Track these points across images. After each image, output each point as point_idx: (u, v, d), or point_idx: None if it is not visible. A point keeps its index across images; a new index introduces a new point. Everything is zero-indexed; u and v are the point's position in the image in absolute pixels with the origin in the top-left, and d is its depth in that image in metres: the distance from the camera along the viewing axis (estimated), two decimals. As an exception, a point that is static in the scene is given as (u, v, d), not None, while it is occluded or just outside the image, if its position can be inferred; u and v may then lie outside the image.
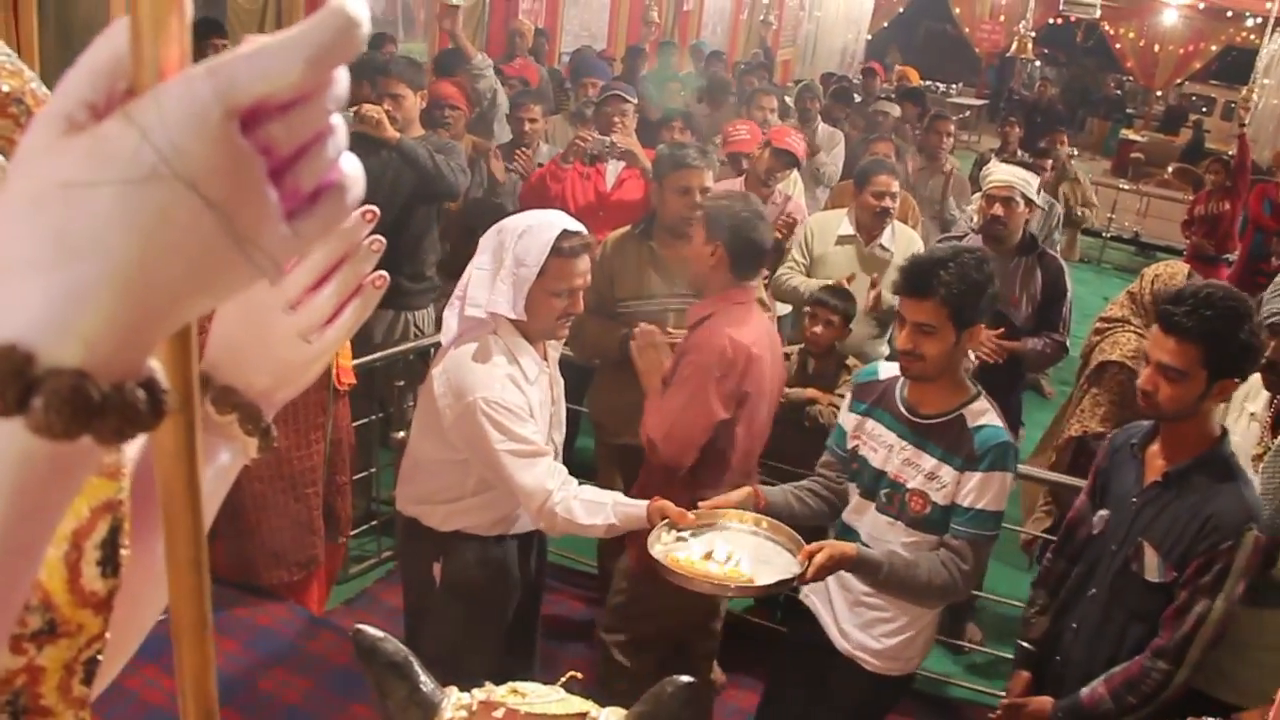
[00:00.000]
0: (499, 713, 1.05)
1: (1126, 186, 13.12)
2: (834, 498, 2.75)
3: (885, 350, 4.58)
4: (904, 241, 4.49)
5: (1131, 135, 16.69)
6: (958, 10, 18.35)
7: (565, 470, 2.60)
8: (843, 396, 3.98)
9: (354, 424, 3.60)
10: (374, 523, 4.31)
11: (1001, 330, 4.06)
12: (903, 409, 2.58)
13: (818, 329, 3.95)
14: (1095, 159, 16.39)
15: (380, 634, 1.03)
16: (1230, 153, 8.99)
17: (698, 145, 3.54)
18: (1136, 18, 17.17)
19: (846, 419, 2.74)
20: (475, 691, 1.06)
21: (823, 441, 2.97)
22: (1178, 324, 2.22)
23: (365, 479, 4.22)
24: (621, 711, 1.04)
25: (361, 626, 1.03)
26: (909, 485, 2.51)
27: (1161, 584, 2.33)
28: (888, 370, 2.69)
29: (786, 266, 4.50)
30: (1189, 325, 2.20)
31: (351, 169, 0.49)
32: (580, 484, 2.61)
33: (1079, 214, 7.33)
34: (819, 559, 2.33)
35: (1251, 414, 2.58)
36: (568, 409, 3.05)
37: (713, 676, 3.53)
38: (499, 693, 1.07)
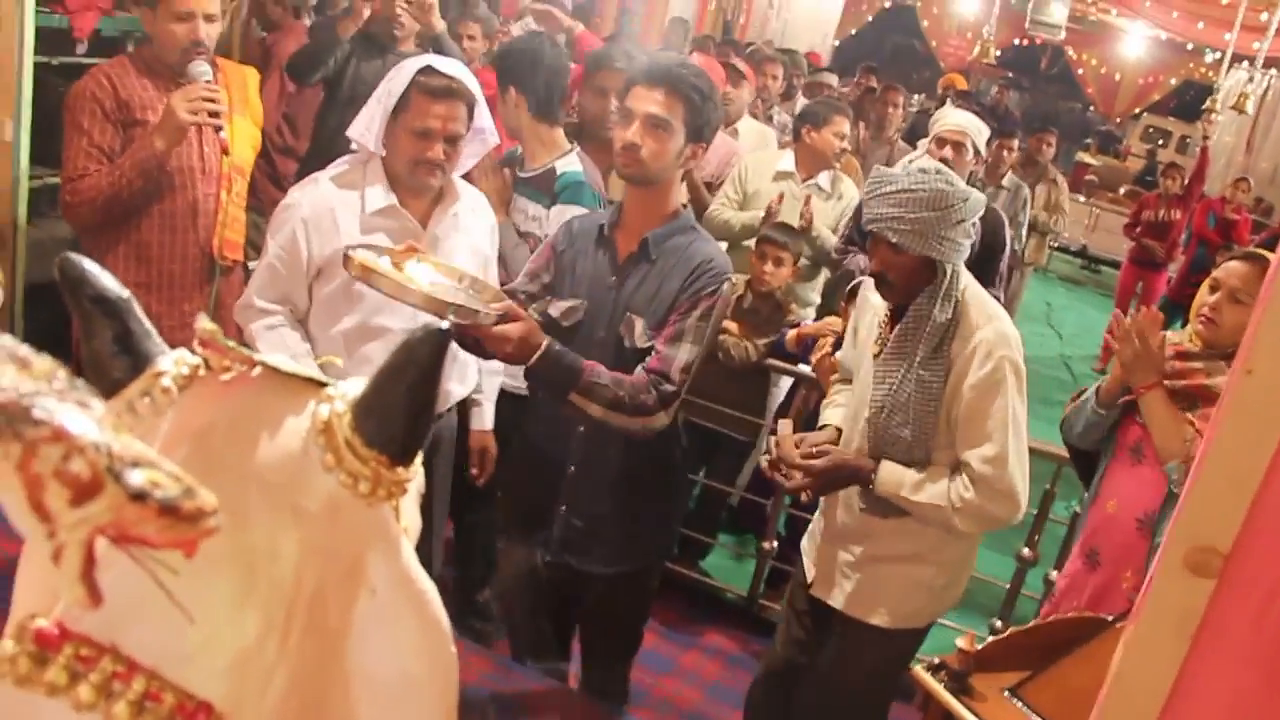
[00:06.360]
0: (228, 375, 0.91)
1: (1081, 200, 13.22)
2: None
3: (816, 299, 4.47)
4: (841, 188, 4.39)
5: (1087, 158, 16.88)
6: (925, 24, 18.41)
7: (291, 333, 2.48)
8: (767, 340, 3.87)
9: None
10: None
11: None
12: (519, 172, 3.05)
13: (767, 268, 3.83)
14: (1051, 180, 16.55)
15: (97, 268, 0.88)
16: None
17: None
18: (1100, 44, 17.30)
19: None
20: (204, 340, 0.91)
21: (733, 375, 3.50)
22: (662, 75, 2.26)
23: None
24: (363, 380, 0.90)
25: (70, 254, 0.87)
26: (521, 229, 2.99)
27: (650, 347, 2.31)
28: None
29: (719, 202, 4.38)
30: (673, 78, 2.25)
31: None
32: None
33: (1046, 217, 7.14)
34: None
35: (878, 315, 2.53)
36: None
37: None
38: (238, 356, 0.92)
